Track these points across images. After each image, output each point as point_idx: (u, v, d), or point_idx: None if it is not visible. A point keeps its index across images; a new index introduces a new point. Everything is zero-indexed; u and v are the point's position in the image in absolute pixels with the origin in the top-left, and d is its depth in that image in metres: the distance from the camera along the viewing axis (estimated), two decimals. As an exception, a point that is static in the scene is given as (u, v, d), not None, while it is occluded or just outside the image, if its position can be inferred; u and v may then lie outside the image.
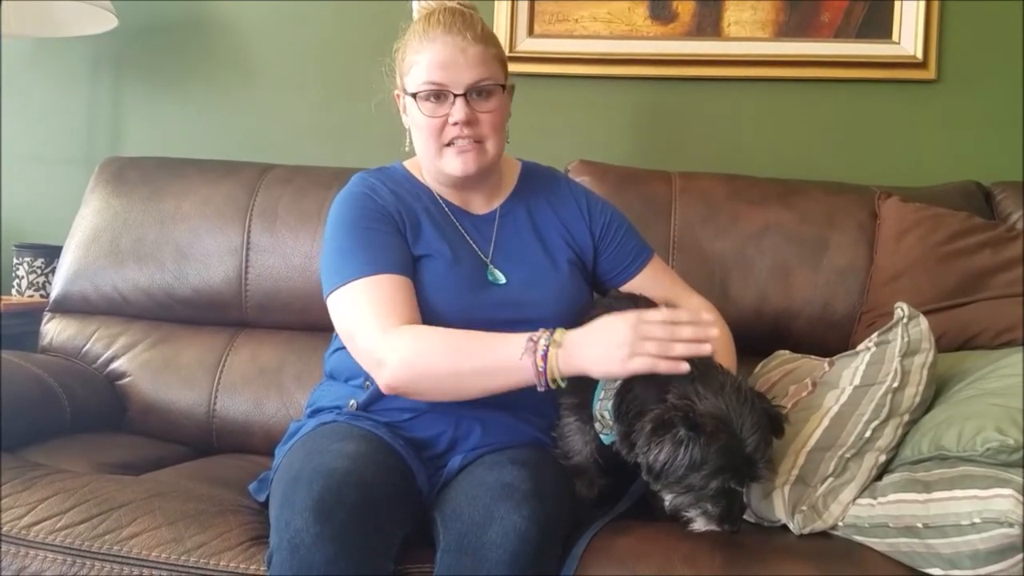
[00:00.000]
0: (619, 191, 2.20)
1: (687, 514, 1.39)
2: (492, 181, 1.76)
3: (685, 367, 1.36)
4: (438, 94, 1.61)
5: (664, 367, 1.36)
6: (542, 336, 1.44)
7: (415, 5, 1.72)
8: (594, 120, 2.64)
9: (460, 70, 1.60)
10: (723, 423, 1.34)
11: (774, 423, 1.42)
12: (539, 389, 1.45)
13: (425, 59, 1.61)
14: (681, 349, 1.37)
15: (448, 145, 1.64)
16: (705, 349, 1.38)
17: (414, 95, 1.63)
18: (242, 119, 2.77)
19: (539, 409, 1.61)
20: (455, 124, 1.61)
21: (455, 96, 1.60)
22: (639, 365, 1.37)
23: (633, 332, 1.39)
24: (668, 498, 1.39)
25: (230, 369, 2.22)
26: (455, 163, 1.65)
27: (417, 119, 1.65)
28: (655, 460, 1.34)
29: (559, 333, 1.44)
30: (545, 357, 1.42)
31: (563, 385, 1.44)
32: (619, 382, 1.47)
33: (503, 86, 1.66)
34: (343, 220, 1.66)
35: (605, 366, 1.41)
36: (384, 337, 1.51)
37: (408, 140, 1.73)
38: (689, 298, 1.76)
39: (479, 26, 1.64)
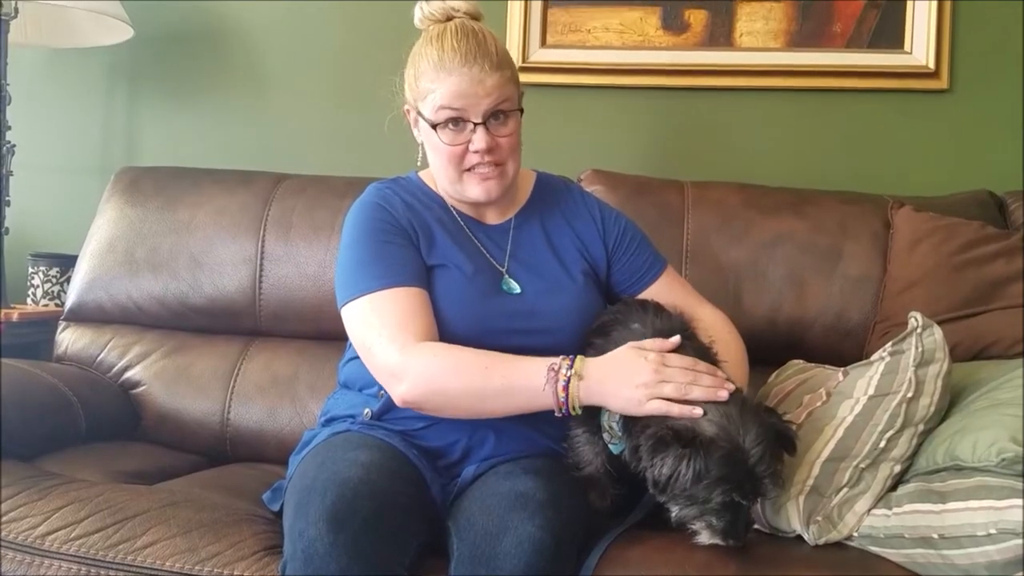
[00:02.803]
0: (632, 200, 2.20)
1: (692, 527, 1.39)
2: (508, 194, 1.76)
3: (699, 412, 1.38)
4: (457, 121, 1.61)
5: (677, 411, 1.38)
6: (563, 365, 1.45)
7: (417, 12, 1.71)
8: (607, 130, 2.64)
9: (479, 99, 1.59)
10: (725, 436, 1.34)
11: (783, 439, 1.41)
12: (556, 415, 1.47)
13: (442, 89, 1.59)
14: (698, 393, 1.39)
15: (468, 170, 1.65)
16: (722, 396, 1.40)
17: (434, 125, 1.62)
18: (256, 129, 2.79)
19: (553, 419, 1.60)
20: (476, 152, 1.62)
21: (475, 124, 1.60)
22: (654, 408, 1.40)
23: (654, 375, 1.41)
24: (674, 510, 1.39)
25: (244, 378, 2.23)
26: (478, 190, 1.66)
27: (435, 145, 1.64)
28: (660, 474, 1.34)
29: (579, 363, 1.46)
30: (567, 387, 1.44)
31: (579, 413, 1.47)
32: None
33: (520, 109, 1.67)
34: (358, 231, 1.67)
35: (623, 404, 1.44)
36: (402, 353, 1.51)
37: (420, 154, 1.73)
38: (702, 309, 1.75)
39: (494, 50, 1.61)
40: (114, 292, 2.33)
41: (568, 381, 1.44)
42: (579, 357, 1.47)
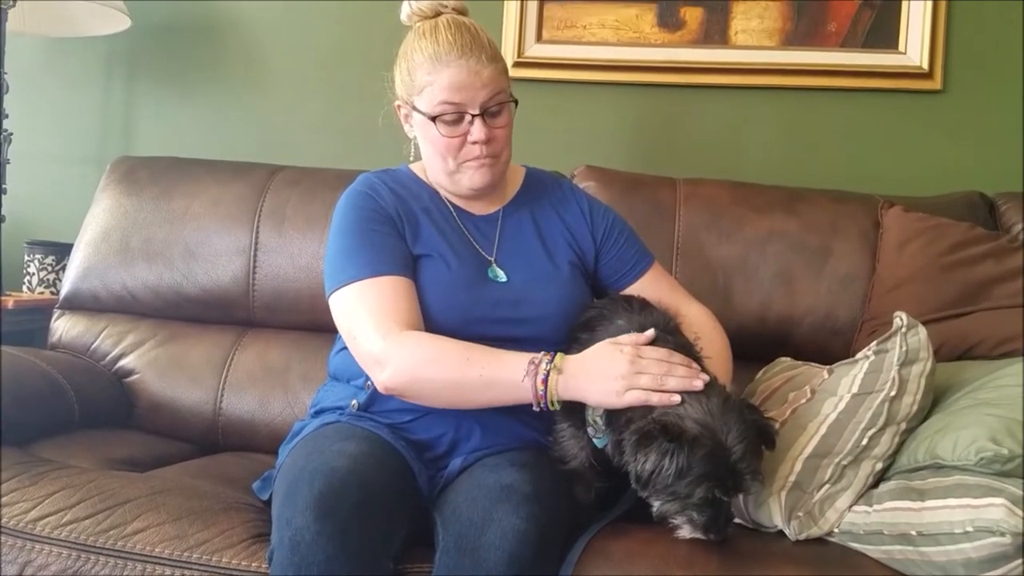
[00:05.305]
0: (624, 197, 2.21)
1: (674, 521, 1.41)
2: (499, 184, 1.77)
3: (677, 399, 1.40)
4: (455, 113, 1.63)
5: (656, 400, 1.40)
6: (543, 360, 1.47)
7: (404, 8, 1.72)
8: (600, 126, 2.65)
9: (476, 91, 1.61)
10: (708, 432, 1.36)
11: (764, 435, 1.43)
12: (535, 409, 1.48)
13: (440, 82, 1.61)
14: (674, 383, 1.41)
15: (464, 161, 1.67)
16: (696, 385, 1.41)
17: (432, 117, 1.64)
18: (252, 121, 2.80)
19: (539, 412, 1.62)
20: (474, 143, 1.64)
21: (472, 116, 1.62)
22: (632, 398, 1.42)
23: (630, 366, 1.43)
24: (656, 505, 1.41)
25: (237, 368, 2.24)
26: (475, 178, 1.68)
27: (433, 138, 1.66)
28: (642, 469, 1.36)
29: (559, 358, 1.48)
30: (546, 381, 1.45)
31: (558, 408, 1.48)
32: None
33: (515, 101, 1.69)
34: (346, 220, 1.68)
35: (601, 397, 1.45)
36: (385, 340, 1.53)
37: (412, 149, 1.75)
38: (688, 305, 1.77)
39: (487, 43, 1.65)
40: (109, 281, 2.34)
41: (547, 375, 1.45)
42: (559, 353, 1.49)
